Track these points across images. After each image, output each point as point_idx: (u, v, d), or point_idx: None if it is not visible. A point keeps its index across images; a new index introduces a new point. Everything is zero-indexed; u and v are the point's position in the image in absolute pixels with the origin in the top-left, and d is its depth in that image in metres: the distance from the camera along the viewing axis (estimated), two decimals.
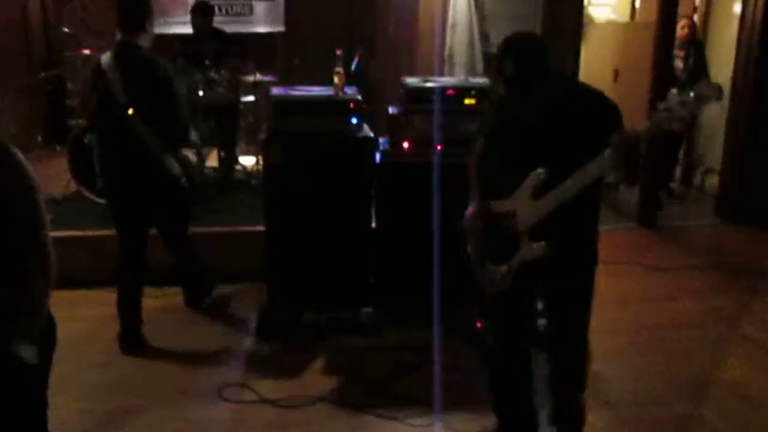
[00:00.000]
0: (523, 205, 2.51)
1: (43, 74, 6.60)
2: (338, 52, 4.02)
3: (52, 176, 5.36)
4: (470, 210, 2.74)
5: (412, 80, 4.21)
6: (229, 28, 6.22)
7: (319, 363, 3.68)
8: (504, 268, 2.61)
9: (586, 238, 2.61)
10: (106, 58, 3.60)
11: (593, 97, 2.51)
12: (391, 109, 4.17)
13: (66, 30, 6.53)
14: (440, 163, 3.82)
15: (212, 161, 5.88)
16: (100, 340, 3.79)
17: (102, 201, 4.51)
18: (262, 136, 4.21)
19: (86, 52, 5.97)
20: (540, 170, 2.45)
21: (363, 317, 4.04)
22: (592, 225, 2.61)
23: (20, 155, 1.89)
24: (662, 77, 5.70)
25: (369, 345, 3.86)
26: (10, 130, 5.93)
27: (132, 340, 3.77)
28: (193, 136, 4.82)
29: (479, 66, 6.32)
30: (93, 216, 4.81)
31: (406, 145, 4.05)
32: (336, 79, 3.97)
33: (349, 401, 3.30)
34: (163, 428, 3.13)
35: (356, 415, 3.21)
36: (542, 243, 2.48)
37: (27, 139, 6.54)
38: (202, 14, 5.67)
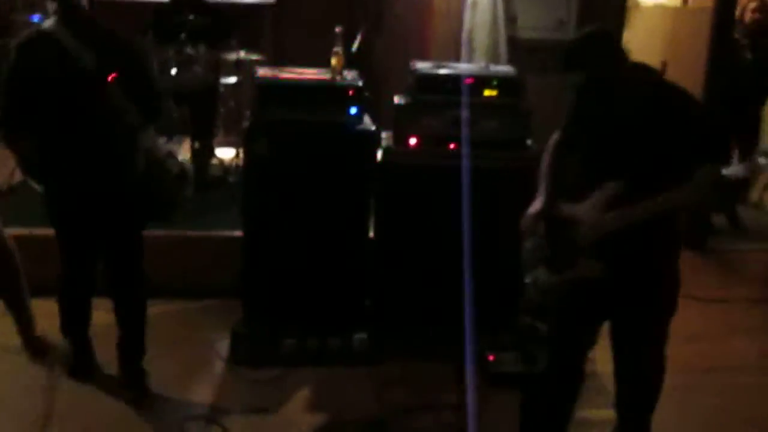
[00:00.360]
0: (589, 217, 2.57)
1: None
2: (338, 29, 4.02)
3: None
4: (534, 207, 2.82)
5: (423, 65, 4.20)
6: None
7: (301, 397, 3.64)
8: (557, 278, 2.70)
9: (656, 265, 2.65)
10: (51, 24, 3.45)
11: (688, 106, 2.57)
12: (397, 99, 4.14)
13: None
14: (455, 165, 3.77)
15: (184, 153, 5.84)
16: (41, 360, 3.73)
17: None
18: (245, 124, 4.17)
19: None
20: (614, 183, 2.51)
21: (356, 344, 4.00)
22: (666, 252, 2.66)
23: None
24: (720, 71, 5.67)
25: (362, 378, 3.81)
26: None
27: (81, 362, 3.71)
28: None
29: (503, 52, 6.28)
30: (41, 212, 4.76)
31: (413, 141, 4.02)
32: (334, 61, 3.96)
33: None
34: None
35: None
36: (600, 263, 2.56)
37: None
38: None
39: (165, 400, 3.57)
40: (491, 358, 3.82)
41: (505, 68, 4.54)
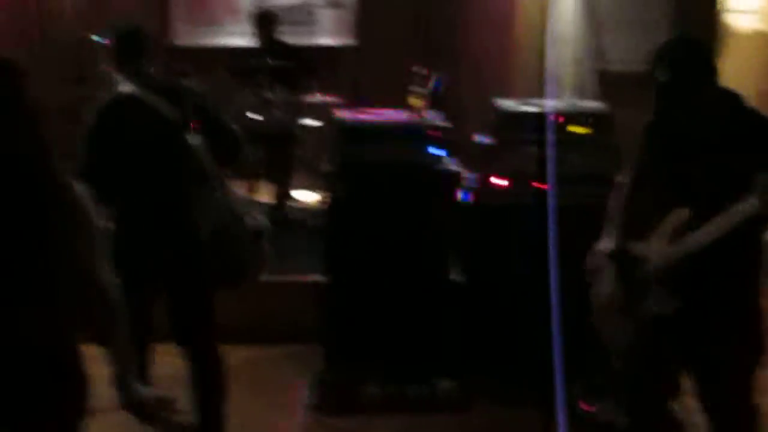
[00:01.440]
0: (658, 250, 2.52)
1: None
2: (416, 69, 4.06)
3: None
4: (601, 247, 2.77)
5: (506, 103, 4.21)
6: (290, 40, 6.26)
7: None
8: (630, 320, 2.64)
9: (735, 296, 2.52)
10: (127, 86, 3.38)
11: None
12: (479, 138, 4.16)
13: None
14: (541, 203, 3.76)
15: (261, 196, 5.98)
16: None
17: None
18: (323, 166, 4.24)
19: None
20: (680, 210, 2.45)
21: (440, 391, 3.98)
22: (745, 281, 2.54)
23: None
24: None
25: (447, 426, 3.79)
26: None
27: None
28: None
29: (590, 87, 6.25)
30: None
31: (497, 181, 4.03)
32: (413, 102, 4.00)
33: None
34: None
35: None
36: (673, 298, 2.48)
37: None
38: (264, 25, 5.86)
39: None
40: (584, 405, 3.74)
41: (593, 103, 4.51)
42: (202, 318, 3.37)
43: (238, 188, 5.74)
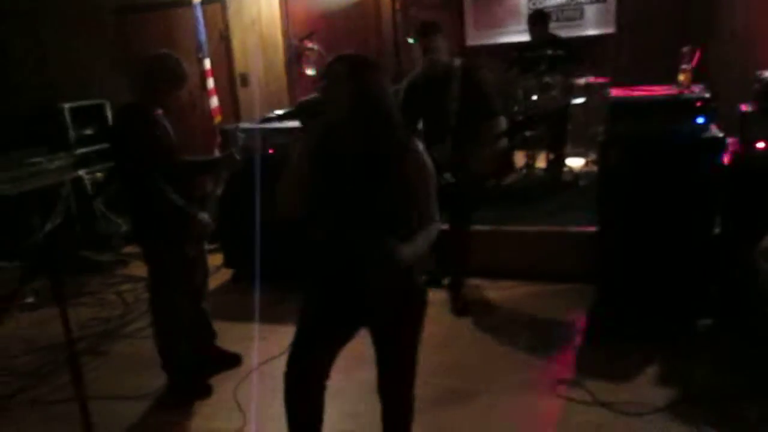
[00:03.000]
0: None
1: (395, 87, 7.23)
2: (684, 48, 3.71)
3: None
4: None
5: None
6: (561, 33, 6.17)
7: (651, 371, 3.41)
8: None
9: None
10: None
11: None
12: (743, 107, 3.70)
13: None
14: None
15: (541, 162, 5.88)
16: (438, 322, 3.99)
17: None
18: (599, 138, 4.05)
19: None
20: None
21: (700, 329, 3.66)
22: None
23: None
24: None
25: (705, 358, 3.48)
26: None
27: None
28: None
29: None
30: None
31: (761, 145, 3.55)
32: (682, 77, 3.66)
33: (687, 418, 3.00)
34: (497, 412, 3.19)
35: None
36: None
37: None
38: (539, 22, 5.73)
39: (538, 361, 3.59)
40: None
41: None
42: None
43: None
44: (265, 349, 3.72)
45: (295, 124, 4.18)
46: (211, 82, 5.73)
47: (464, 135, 3.98)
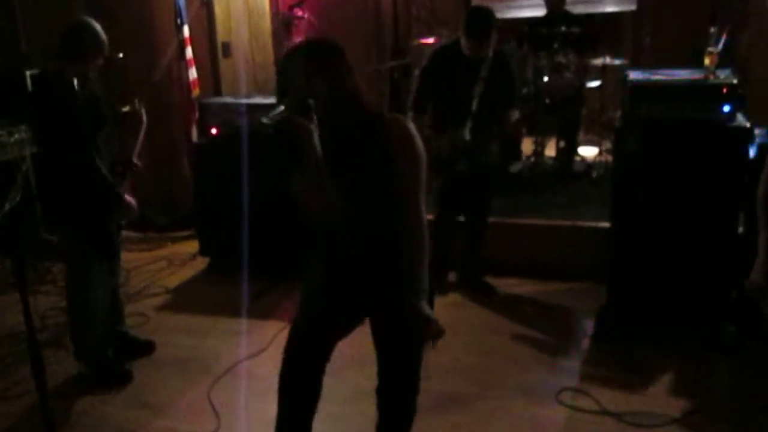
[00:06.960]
0: None
1: (392, 63, 7.23)
2: (711, 29, 3.71)
3: None
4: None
5: None
6: (577, 10, 6.11)
7: (666, 378, 3.44)
8: None
9: None
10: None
11: None
12: None
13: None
14: None
15: (550, 150, 5.87)
16: None
17: None
18: (616, 123, 4.07)
19: (430, 41, 6.39)
20: None
21: (721, 333, 3.68)
22: None
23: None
24: None
25: (725, 366, 3.51)
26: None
27: None
28: None
29: None
30: None
31: None
32: (707, 60, 3.66)
33: (704, 431, 3.03)
34: (494, 420, 3.20)
35: None
36: None
37: None
38: None
39: (538, 367, 3.61)
40: None
41: None
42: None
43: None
44: (244, 345, 3.72)
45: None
46: (189, 52, 5.69)
47: (485, 121, 4.04)
